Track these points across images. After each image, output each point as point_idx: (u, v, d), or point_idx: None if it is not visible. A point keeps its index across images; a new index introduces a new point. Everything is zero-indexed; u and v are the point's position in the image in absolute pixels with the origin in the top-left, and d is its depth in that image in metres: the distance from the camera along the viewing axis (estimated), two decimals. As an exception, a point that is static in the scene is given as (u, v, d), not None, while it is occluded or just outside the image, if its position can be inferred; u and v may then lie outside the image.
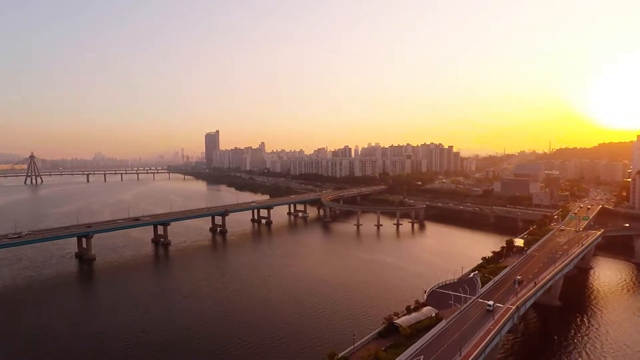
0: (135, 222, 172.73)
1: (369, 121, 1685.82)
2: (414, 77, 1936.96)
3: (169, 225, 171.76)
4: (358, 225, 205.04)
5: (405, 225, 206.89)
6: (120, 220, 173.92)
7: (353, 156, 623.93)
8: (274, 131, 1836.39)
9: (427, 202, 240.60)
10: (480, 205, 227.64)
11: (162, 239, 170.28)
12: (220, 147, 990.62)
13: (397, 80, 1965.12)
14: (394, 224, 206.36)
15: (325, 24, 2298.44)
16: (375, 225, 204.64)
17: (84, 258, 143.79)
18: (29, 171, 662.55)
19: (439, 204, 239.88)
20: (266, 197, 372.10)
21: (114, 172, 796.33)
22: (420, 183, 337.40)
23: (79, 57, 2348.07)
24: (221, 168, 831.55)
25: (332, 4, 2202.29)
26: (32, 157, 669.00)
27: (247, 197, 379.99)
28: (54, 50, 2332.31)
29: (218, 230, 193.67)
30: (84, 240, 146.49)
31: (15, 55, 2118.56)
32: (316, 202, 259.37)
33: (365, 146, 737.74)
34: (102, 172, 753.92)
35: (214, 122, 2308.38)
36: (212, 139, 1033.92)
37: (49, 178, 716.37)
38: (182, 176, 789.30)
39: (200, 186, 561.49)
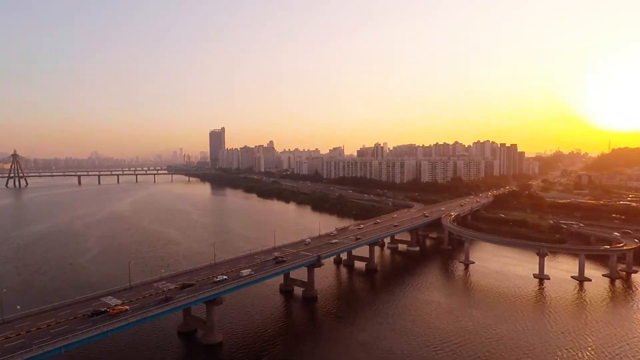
0: (148, 307, 72.33)
1: (371, 121, 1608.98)
2: (417, 77, 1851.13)
3: (219, 304, 78.54)
4: (541, 279, 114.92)
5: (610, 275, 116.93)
6: (113, 305, 72.15)
7: (382, 156, 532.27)
8: (277, 130, 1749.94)
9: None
10: None
11: (202, 330, 79.82)
12: (225, 146, 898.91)
13: (401, 80, 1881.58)
14: (604, 275, 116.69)
15: (332, 23, 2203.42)
16: (573, 277, 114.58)
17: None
18: (12, 172, 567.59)
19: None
20: (307, 208, 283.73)
21: (109, 172, 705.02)
22: (527, 193, 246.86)
23: (80, 56, 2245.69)
24: (229, 169, 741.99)
25: (339, 3, 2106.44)
26: (14, 155, 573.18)
27: (283, 209, 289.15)
28: (51, 49, 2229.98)
29: (301, 294, 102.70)
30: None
31: (13, 53, 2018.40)
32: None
33: (379, 145, 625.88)
34: (97, 173, 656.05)
35: (214, 121, 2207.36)
36: (216, 137, 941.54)
37: (37, 179, 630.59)
38: (185, 177, 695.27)
39: (212, 191, 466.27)
